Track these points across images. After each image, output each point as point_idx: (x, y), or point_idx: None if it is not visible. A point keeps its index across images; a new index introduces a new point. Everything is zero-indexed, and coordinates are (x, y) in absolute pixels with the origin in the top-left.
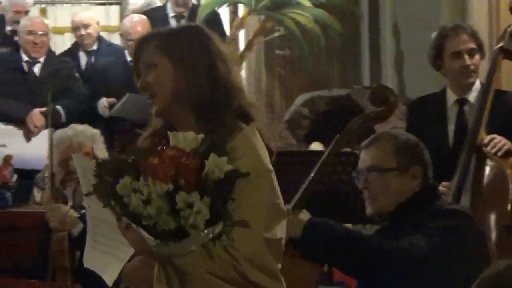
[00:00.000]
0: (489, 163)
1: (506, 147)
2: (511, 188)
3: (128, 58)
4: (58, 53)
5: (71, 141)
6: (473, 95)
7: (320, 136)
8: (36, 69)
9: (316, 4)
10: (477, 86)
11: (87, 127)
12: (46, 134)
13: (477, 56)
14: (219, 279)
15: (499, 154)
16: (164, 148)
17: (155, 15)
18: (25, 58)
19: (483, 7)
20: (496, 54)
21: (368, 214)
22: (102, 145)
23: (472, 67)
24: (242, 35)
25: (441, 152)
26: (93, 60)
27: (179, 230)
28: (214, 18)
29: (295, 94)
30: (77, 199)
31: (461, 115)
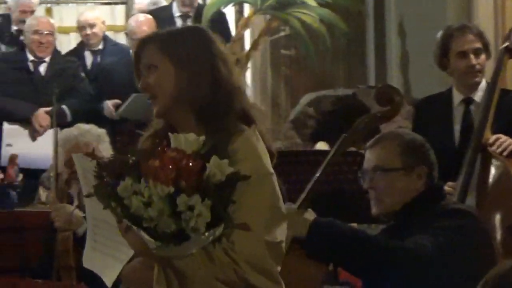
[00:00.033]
0: (494, 163)
1: (511, 147)
2: None
3: None
4: (63, 52)
5: (77, 140)
6: (479, 95)
7: (325, 136)
8: (42, 68)
9: (321, 4)
10: (483, 85)
11: (93, 127)
12: (52, 133)
13: (483, 56)
14: (219, 282)
15: (505, 154)
16: (165, 149)
17: (161, 15)
18: (30, 57)
19: (489, 7)
20: (502, 53)
21: (374, 214)
22: (108, 145)
23: (478, 66)
24: (247, 35)
25: (447, 152)
26: (98, 59)
27: (179, 232)
28: (220, 18)
29: (300, 93)
30: (82, 199)
31: (467, 115)
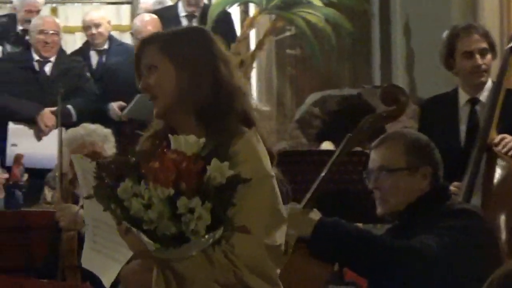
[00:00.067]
0: (499, 163)
1: None
2: None
3: None
4: (69, 52)
5: (83, 140)
6: (485, 95)
7: (330, 136)
8: (47, 68)
9: (326, 4)
10: (489, 85)
11: (99, 127)
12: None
13: (488, 55)
14: (218, 285)
15: (510, 154)
16: (165, 151)
17: (166, 14)
18: (36, 57)
19: (494, 7)
20: (507, 53)
21: (379, 214)
22: (114, 145)
23: (483, 66)
24: (253, 35)
25: (453, 152)
26: (104, 59)
27: (179, 235)
28: (225, 17)
29: (306, 93)
30: None
31: (473, 115)
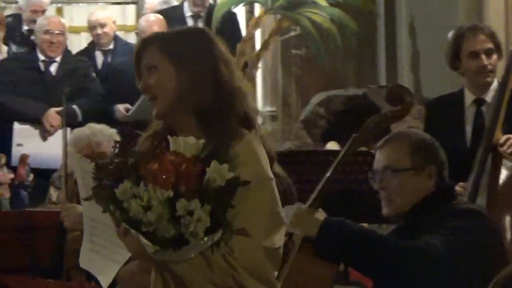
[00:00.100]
0: (505, 163)
1: None
2: None
3: None
4: (74, 52)
5: (89, 140)
6: (490, 95)
7: (336, 136)
8: (53, 68)
9: (332, 4)
10: (494, 86)
11: (105, 127)
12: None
13: (494, 56)
14: (216, 287)
15: None
16: (163, 152)
17: (172, 14)
18: (41, 57)
19: (500, 7)
20: None
21: (385, 215)
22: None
23: (489, 67)
24: (258, 35)
25: (458, 152)
26: (109, 59)
27: (178, 237)
28: (231, 17)
29: (311, 93)
30: None
31: (478, 115)
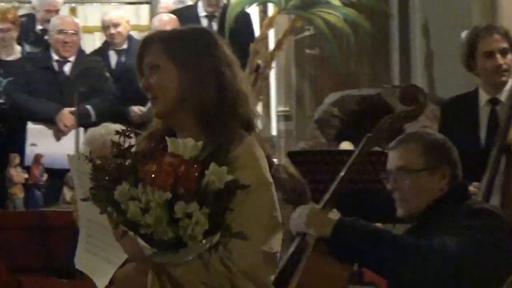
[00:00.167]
0: None
1: None
2: None
3: None
4: (88, 52)
5: (104, 139)
6: (505, 95)
7: (350, 135)
8: (67, 68)
9: (346, 3)
10: (509, 85)
11: (120, 127)
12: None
13: (509, 55)
14: None
15: None
16: (162, 153)
17: (185, 14)
18: (55, 57)
19: None
20: None
21: (399, 216)
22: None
23: (504, 66)
24: (272, 35)
25: (473, 152)
26: (123, 59)
27: (176, 240)
28: (244, 18)
29: (325, 93)
30: None
31: (493, 115)
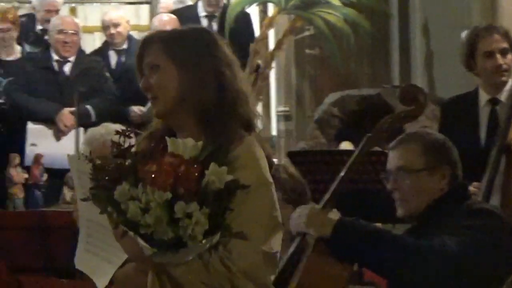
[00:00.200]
0: None
1: None
2: None
3: None
4: (88, 52)
5: (104, 139)
6: (505, 95)
7: (350, 135)
8: (67, 68)
9: (345, 3)
10: (509, 85)
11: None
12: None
13: (509, 55)
14: None
15: None
16: (162, 153)
17: (185, 14)
18: (55, 57)
19: None
20: None
21: (399, 216)
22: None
23: (504, 66)
24: (272, 35)
25: (473, 152)
26: (123, 59)
27: (177, 240)
28: (244, 18)
29: (325, 93)
30: None
31: (493, 115)
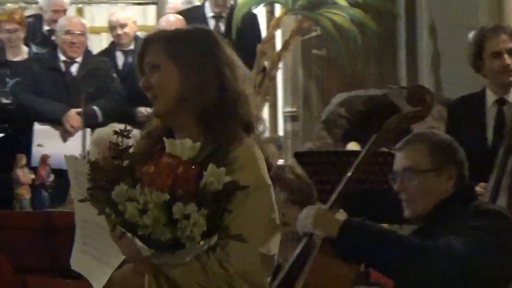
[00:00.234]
0: None
1: None
2: None
3: None
4: (95, 53)
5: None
6: None
7: (356, 136)
8: (74, 69)
9: (352, 4)
10: None
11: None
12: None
13: None
14: None
15: None
16: (160, 154)
17: (193, 15)
18: (62, 58)
19: None
20: None
21: (406, 217)
22: None
23: None
24: (278, 35)
25: (480, 152)
26: (130, 59)
27: (174, 241)
28: (251, 18)
29: (332, 93)
30: None
31: (500, 116)
